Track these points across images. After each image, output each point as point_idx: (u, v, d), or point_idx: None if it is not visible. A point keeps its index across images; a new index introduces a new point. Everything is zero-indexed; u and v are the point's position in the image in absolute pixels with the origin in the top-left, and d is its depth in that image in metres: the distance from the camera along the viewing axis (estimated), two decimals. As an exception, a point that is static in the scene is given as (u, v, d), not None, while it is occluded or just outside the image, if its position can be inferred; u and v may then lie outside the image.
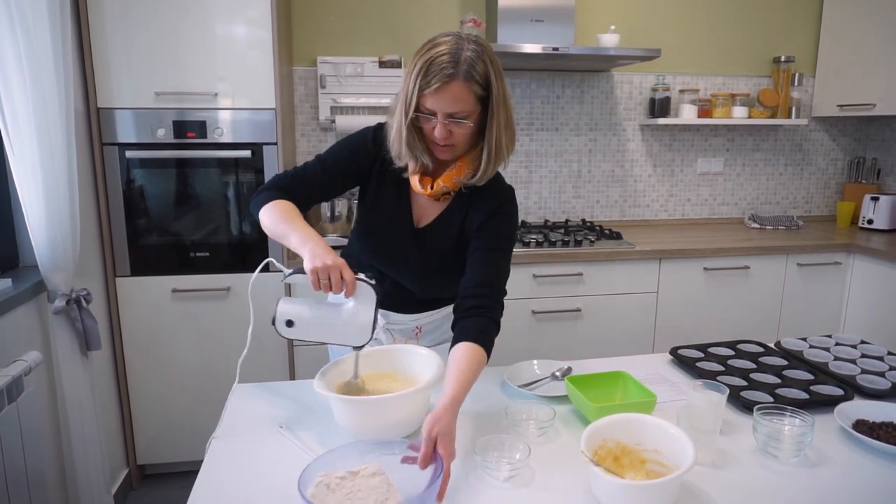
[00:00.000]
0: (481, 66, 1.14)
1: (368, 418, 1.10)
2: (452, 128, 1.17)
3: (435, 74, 1.12)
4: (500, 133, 1.21)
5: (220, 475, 1.03)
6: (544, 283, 2.47)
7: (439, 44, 1.14)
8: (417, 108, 1.16)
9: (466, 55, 1.13)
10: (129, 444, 2.38)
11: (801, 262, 2.68)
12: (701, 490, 0.98)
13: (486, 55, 1.16)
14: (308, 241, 1.14)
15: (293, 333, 1.15)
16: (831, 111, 3.11)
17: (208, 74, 2.17)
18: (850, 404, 1.21)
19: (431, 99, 1.14)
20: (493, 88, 1.17)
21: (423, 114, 1.17)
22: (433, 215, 1.35)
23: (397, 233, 1.35)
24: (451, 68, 1.12)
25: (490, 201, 1.30)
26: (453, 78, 1.12)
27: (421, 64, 1.13)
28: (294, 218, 1.22)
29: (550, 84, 2.97)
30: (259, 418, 1.22)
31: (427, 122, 1.18)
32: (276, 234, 1.23)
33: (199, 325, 2.32)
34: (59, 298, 1.80)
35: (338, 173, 1.33)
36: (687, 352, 1.52)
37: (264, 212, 1.25)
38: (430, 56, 1.12)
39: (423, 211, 1.35)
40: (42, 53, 1.67)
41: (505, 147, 1.23)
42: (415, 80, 1.13)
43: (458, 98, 1.14)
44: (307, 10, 2.73)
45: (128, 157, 2.18)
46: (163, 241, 2.26)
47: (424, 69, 1.12)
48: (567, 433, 1.16)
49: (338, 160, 1.33)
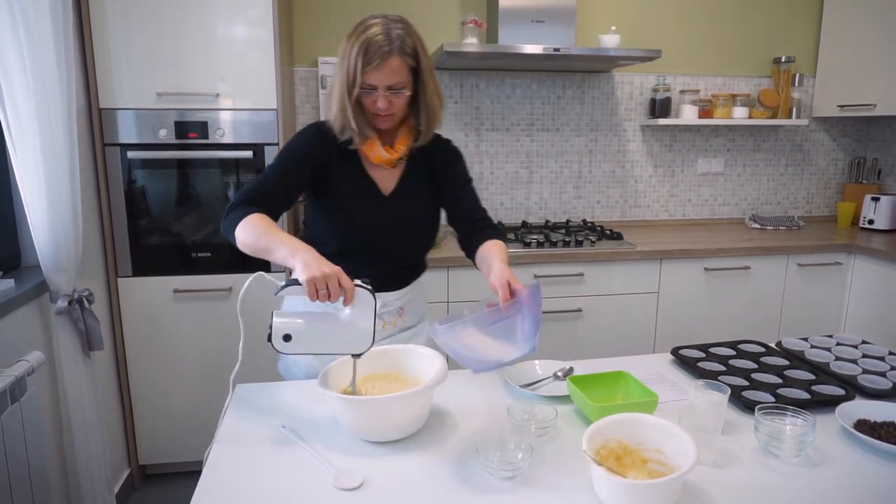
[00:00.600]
0: (410, 41, 1.31)
1: (372, 419, 1.10)
2: (392, 98, 1.32)
3: (374, 52, 1.26)
4: (433, 97, 1.38)
5: (223, 475, 1.03)
6: (545, 283, 2.48)
7: (370, 26, 1.29)
8: (360, 85, 1.29)
9: (397, 33, 1.29)
10: (131, 445, 2.39)
11: (802, 262, 2.69)
12: (702, 490, 0.98)
13: (412, 31, 1.32)
14: (297, 251, 1.14)
15: (292, 348, 1.11)
16: (832, 111, 3.11)
17: (209, 75, 2.17)
18: (851, 404, 1.21)
19: (373, 75, 1.28)
20: (421, 60, 1.33)
21: (365, 89, 1.30)
22: (395, 181, 1.46)
23: (370, 205, 1.43)
24: (387, 45, 1.27)
25: (442, 151, 1.50)
26: (390, 54, 1.27)
27: (359, 46, 1.27)
28: (275, 230, 1.22)
29: (551, 84, 2.97)
30: (261, 418, 1.22)
31: (368, 96, 1.32)
32: (259, 250, 1.22)
33: (200, 325, 2.32)
34: (61, 299, 1.80)
35: (296, 176, 1.38)
36: (688, 352, 1.53)
37: (240, 229, 1.24)
38: (366, 37, 1.27)
39: (385, 180, 1.45)
40: (44, 54, 1.67)
41: (438, 109, 1.41)
42: (355, 60, 1.27)
43: (395, 71, 1.29)
44: (308, 10, 2.73)
45: (129, 157, 2.18)
46: (164, 241, 2.27)
47: (363, 49, 1.26)
48: (569, 433, 1.16)
49: (294, 163, 1.38)
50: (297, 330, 1.11)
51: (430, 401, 1.16)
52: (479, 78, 2.91)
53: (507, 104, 2.96)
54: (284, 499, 0.96)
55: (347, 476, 1.00)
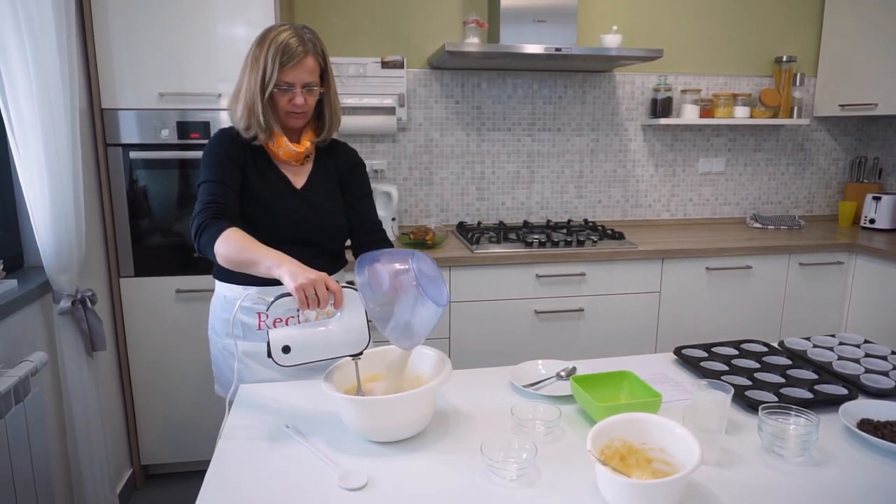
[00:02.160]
0: (319, 44, 1.44)
1: (376, 419, 1.10)
2: (306, 96, 1.42)
3: (293, 51, 1.37)
4: (335, 98, 1.52)
5: (227, 475, 1.03)
6: (547, 283, 2.48)
7: (282, 31, 1.39)
8: (276, 84, 1.38)
9: (308, 36, 1.41)
10: (134, 444, 2.39)
11: (803, 261, 2.69)
12: (706, 489, 0.98)
13: (318, 36, 1.45)
14: (282, 262, 1.16)
15: (291, 359, 1.11)
16: (833, 111, 3.11)
17: (211, 75, 2.18)
18: (854, 404, 1.21)
19: (291, 73, 1.38)
20: (328, 63, 1.46)
21: (281, 88, 1.40)
22: (305, 175, 1.54)
23: (286, 198, 1.49)
24: (303, 46, 1.39)
25: (348, 156, 1.61)
26: (306, 54, 1.39)
27: (276, 47, 1.36)
28: (255, 244, 1.24)
29: (552, 84, 2.98)
30: (264, 418, 1.22)
31: (284, 95, 1.41)
32: (241, 263, 1.23)
33: (202, 325, 2.31)
34: (64, 299, 1.80)
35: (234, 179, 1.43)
36: (691, 351, 1.53)
37: (220, 245, 1.25)
38: (282, 40, 1.37)
39: (295, 175, 1.53)
40: (48, 55, 1.68)
41: (338, 109, 1.54)
42: (273, 59, 1.36)
43: (311, 70, 1.41)
44: (309, 10, 2.73)
45: (132, 157, 2.18)
46: (166, 241, 2.27)
47: (281, 50, 1.36)
48: (573, 433, 1.17)
49: (227, 168, 1.42)
50: (295, 340, 1.11)
51: (434, 401, 1.16)
52: (481, 78, 2.91)
53: (508, 104, 2.96)
54: (290, 498, 0.96)
55: (352, 476, 1.01)
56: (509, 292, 2.46)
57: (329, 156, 1.59)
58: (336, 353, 1.15)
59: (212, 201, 1.35)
